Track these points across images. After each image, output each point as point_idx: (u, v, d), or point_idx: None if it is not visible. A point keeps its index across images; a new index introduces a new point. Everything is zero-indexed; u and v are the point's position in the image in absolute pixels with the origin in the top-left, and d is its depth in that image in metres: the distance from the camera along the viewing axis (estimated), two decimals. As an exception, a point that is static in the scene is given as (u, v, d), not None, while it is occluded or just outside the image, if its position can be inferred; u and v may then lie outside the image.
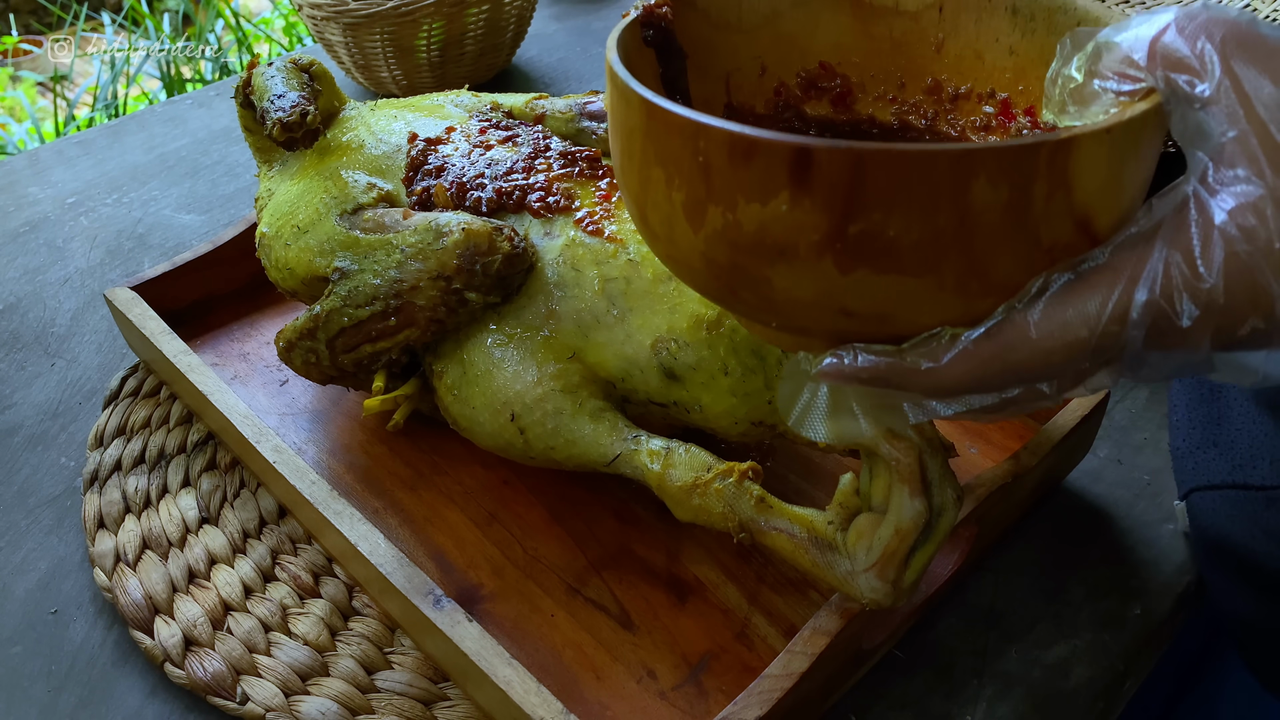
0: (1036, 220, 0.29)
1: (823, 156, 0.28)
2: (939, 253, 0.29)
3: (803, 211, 0.28)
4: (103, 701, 0.46)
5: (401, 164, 0.53)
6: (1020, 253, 0.29)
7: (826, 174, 0.28)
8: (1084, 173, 0.29)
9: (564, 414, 0.45)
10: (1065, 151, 0.28)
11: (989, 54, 0.39)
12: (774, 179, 0.28)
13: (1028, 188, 0.28)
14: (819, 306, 0.31)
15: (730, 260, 0.31)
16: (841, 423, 0.34)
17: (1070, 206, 0.29)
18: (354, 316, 0.49)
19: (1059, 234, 0.29)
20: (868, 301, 0.30)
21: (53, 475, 0.57)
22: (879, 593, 0.38)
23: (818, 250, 0.29)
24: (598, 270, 0.46)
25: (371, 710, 0.44)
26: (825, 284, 0.30)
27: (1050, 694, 0.45)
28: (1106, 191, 0.29)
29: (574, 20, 1.10)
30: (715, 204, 0.30)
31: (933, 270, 0.29)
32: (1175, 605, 0.49)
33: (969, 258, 0.29)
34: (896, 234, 0.28)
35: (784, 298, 0.31)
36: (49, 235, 0.77)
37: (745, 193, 0.29)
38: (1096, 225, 0.30)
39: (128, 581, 0.49)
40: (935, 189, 0.28)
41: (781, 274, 0.30)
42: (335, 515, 0.46)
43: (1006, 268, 0.29)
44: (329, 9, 0.84)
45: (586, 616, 0.47)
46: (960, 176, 0.28)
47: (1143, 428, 0.57)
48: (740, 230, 0.30)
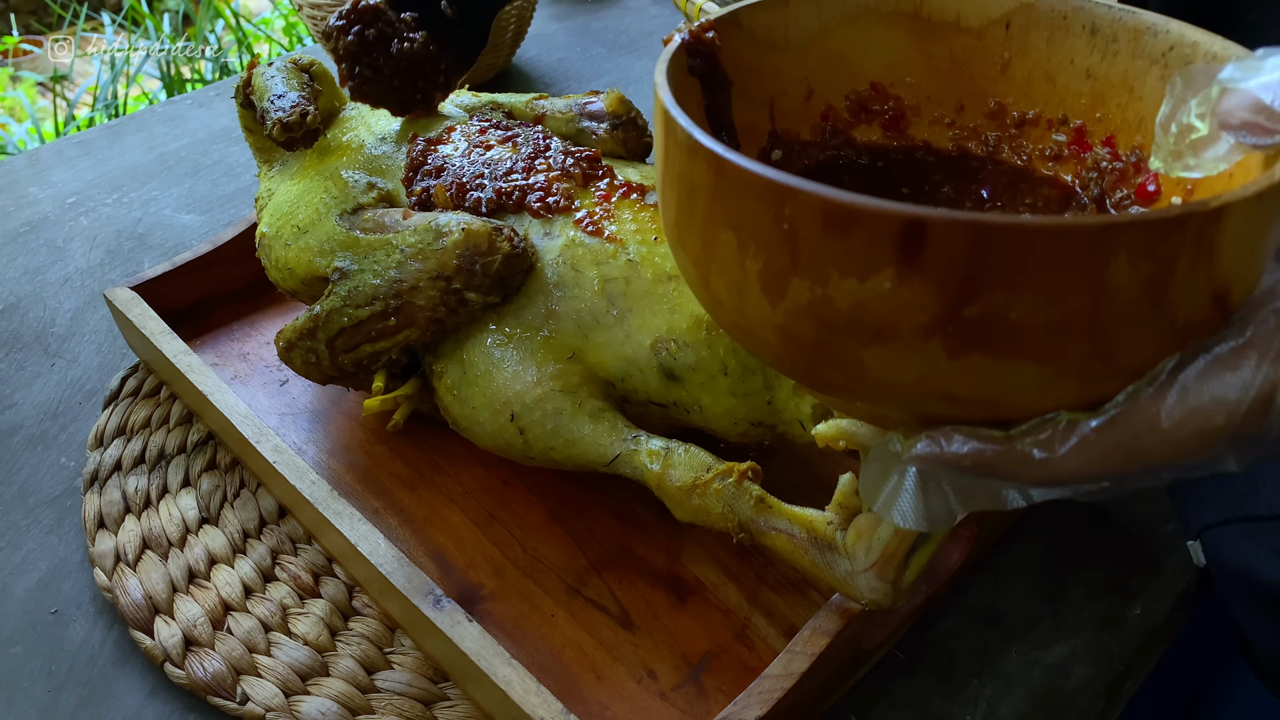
0: (1175, 298, 0.26)
1: (938, 230, 0.24)
2: (1067, 337, 0.25)
3: (910, 291, 0.25)
4: (103, 701, 0.46)
5: (401, 164, 0.53)
6: (1154, 333, 0.26)
7: (942, 250, 0.24)
8: (1230, 243, 0.25)
9: (564, 414, 0.45)
10: (1216, 222, 0.24)
11: (1061, 77, 0.36)
12: (877, 254, 0.25)
13: (1172, 263, 0.25)
14: (918, 390, 0.28)
15: (815, 338, 0.28)
16: (933, 507, 0.30)
17: (1211, 280, 0.26)
18: (354, 316, 0.49)
19: (1195, 310, 0.26)
20: (977, 388, 0.27)
21: (53, 475, 0.57)
22: (878, 593, 0.38)
23: (925, 333, 0.26)
24: (597, 270, 0.46)
25: (371, 710, 0.44)
26: (929, 368, 0.27)
27: (1050, 694, 0.45)
28: (1248, 261, 0.26)
29: (574, 20, 1.10)
30: (801, 277, 0.26)
31: (1057, 355, 0.26)
32: (1175, 605, 0.49)
33: (1098, 341, 0.26)
34: (1020, 317, 0.25)
35: (877, 379, 0.28)
36: (49, 235, 0.77)
37: (840, 267, 0.26)
38: (1232, 298, 0.27)
39: (128, 581, 0.49)
40: (1069, 268, 0.24)
41: (877, 356, 0.27)
42: (335, 515, 0.46)
43: (1137, 350, 0.26)
44: (329, 9, 0.84)
45: (586, 616, 0.47)
46: (1099, 254, 0.24)
47: (1143, 428, 0.57)
48: (831, 307, 0.26)
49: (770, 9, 0.36)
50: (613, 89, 0.57)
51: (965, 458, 0.28)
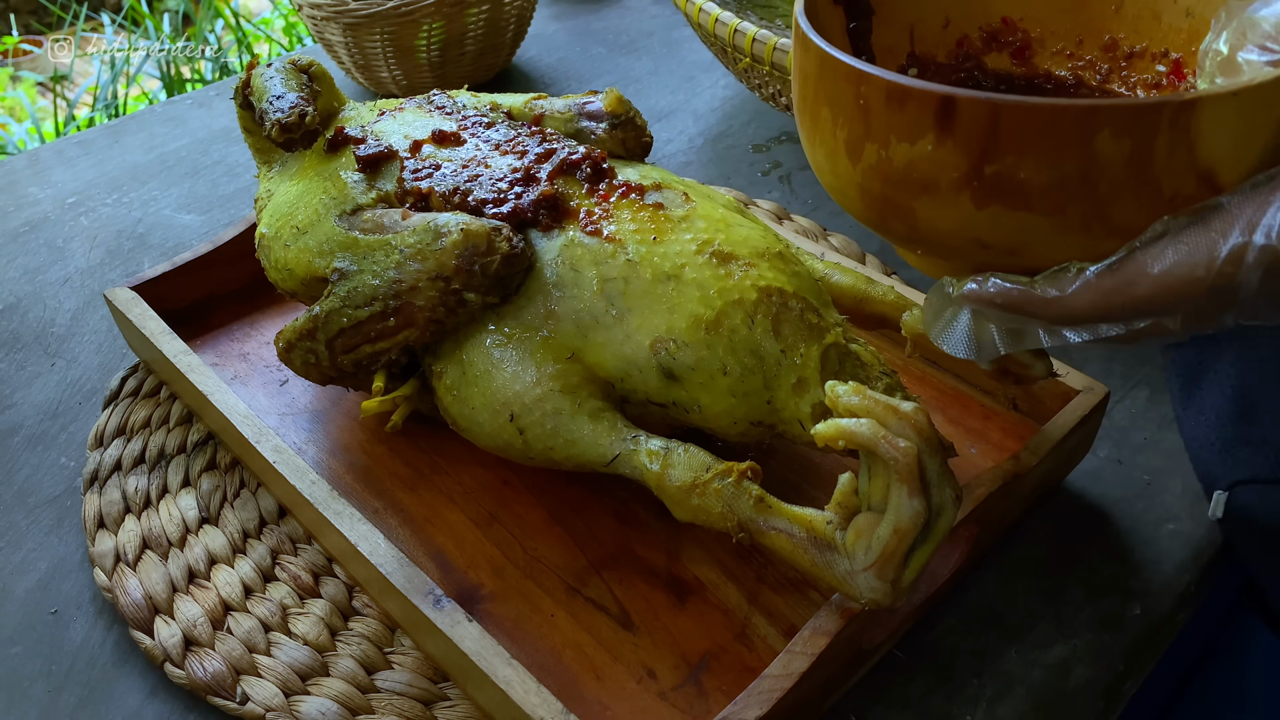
0: (1158, 172, 0.32)
1: (964, 105, 0.32)
2: (1065, 196, 0.32)
3: (945, 152, 0.33)
4: (103, 701, 0.46)
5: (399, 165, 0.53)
6: (1142, 200, 0.33)
7: (967, 120, 0.32)
8: (1208, 131, 0.31)
9: (563, 414, 0.45)
10: (1188, 111, 0.31)
11: (1166, 14, 0.42)
12: (922, 122, 0.33)
13: (1150, 143, 0.31)
14: (957, 237, 0.35)
15: (882, 192, 0.36)
16: (982, 342, 0.37)
17: (1193, 161, 0.32)
18: (353, 317, 0.49)
19: (1181, 185, 0.32)
20: (1000, 235, 0.34)
21: (53, 475, 0.57)
22: (878, 592, 0.38)
23: (957, 186, 0.33)
24: (596, 270, 0.46)
25: (371, 710, 0.44)
26: (962, 217, 0.34)
27: (1050, 694, 0.45)
28: (1234, 149, 0.32)
29: (574, 20, 1.10)
30: (872, 141, 0.35)
31: (1059, 211, 0.33)
32: (1175, 605, 0.49)
33: (1093, 202, 0.32)
34: (1027, 176, 0.32)
35: (927, 227, 0.36)
36: (49, 235, 0.77)
37: (897, 133, 0.34)
38: (1221, 179, 0.32)
39: (128, 581, 0.50)
40: (1062, 139, 0.31)
41: (925, 206, 0.35)
42: (335, 515, 0.46)
43: (1128, 212, 0.33)
44: (329, 9, 0.84)
45: (586, 616, 0.47)
46: (1085, 130, 0.31)
47: (1143, 428, 0.57)
48: (891, 166, 0.35)
49: None
50: (612, 89, 0.57)
51: (999, 296, 0.35)
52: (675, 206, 0.48)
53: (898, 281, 0.62)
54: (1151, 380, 0.60)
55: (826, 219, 0.76)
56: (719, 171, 0.83)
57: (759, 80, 0.75)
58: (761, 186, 0.81)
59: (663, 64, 1.00)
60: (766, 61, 0.70)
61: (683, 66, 1.00)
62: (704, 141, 0.87)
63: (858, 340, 0.46)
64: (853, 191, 0.37)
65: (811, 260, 0.54)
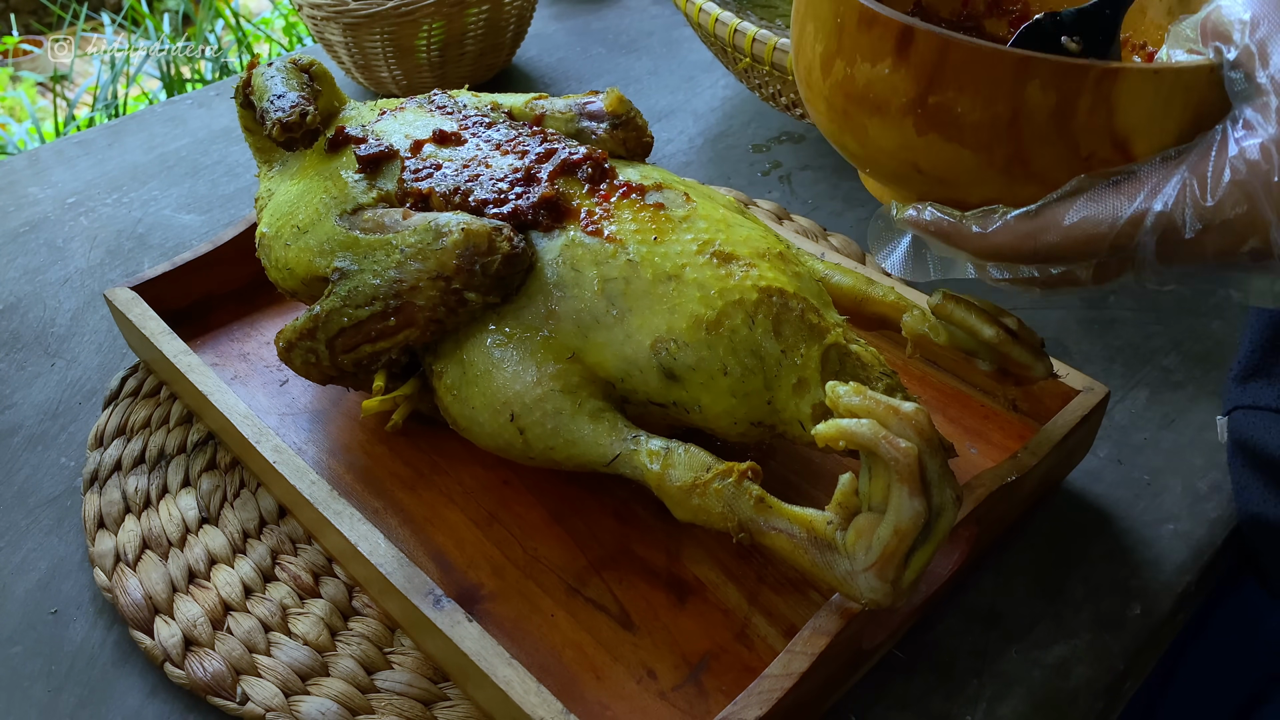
0: (1078, 130, 0.35)
1: (920, 36, 0.36)
2: (994, 135, 0.36)
3: (899, 77, 0.37)
4: (103, 701, 0.46)
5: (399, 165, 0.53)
6: (1061, 153, 0.36)
7: (921, 50, 0.36)
8: (1127, 101, 0.35)
9: (563, 414, 0.45)
10: (1111, 79, 0.34)
11: (1151, 10, 0.46)
12: (883, 46, 0.37)
13: (1073, 100, 0.35)
14: (898, 159, 0.39)
15: (843, 107, 0.40)
16: (917, 265, 0.42)
17: (1110, 127, 0.35)
18: (354, 317, 0.49)
19: (1097, 148, 0.36)
20: (933, 163, 0.38)
21: (53, 475, 0.57)
22: (878, 592, 0.38)
23: (903, 111, 0.37)
24: (597, 270, 0.46)
25: (371, 710, 0.44)
26: (904, 140, 0.38)
27: (1050, 694, 0.45)
28: (1148, 122, 0.35)
29: (574, 20, 1.10)
30: (841, 58, 0.39)
31: (986, 149, 0.36)
32: (1175, 605, 0.49)
33: (1017, 146, 0.36)
34: (963, 111, 0.36)
35: (874, 147, 0.39)
36: (49, 235, 0.77)
37: (861, 53, 0.38)
38: (1134, 149, 0.36)
39: (128, 581, 0.49)
40: (998, 81, 0.35)
41: (875, 125, 0.38)
42: (335, 515, 0.46)
43: (1047, 162, 0.36)
44: (329, 9, 0.84)
45: (586, 616, 0.47)
46: (1019, 76, 0.35)
47: (1143, 428, 0.57)
48: (853, 83, 0.38)
49: None
50: (612, 89, 0.57)
51: (932, 224, 0.39)
52: (676, 206, 0.49)
53: (898, 282, 0.62)
54: (1151, 380, 0.60)
55: (826, 219, 0.76)
56: (719, 171, 0.83)
57: (759, 80, 0.75)
58: (761, 186, 0.81)
59: (663, 64, 1.00)
60: (766, 61, 0.71)
61: (683, 66, 1.00)
62: (704, 141, 0.87)
63: (858, 340, 0.46)
64: (821, 104, 0.41)
65: (812, 260, 0.54)
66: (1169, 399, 0.59)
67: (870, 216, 0.76)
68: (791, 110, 0.75)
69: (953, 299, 0.47)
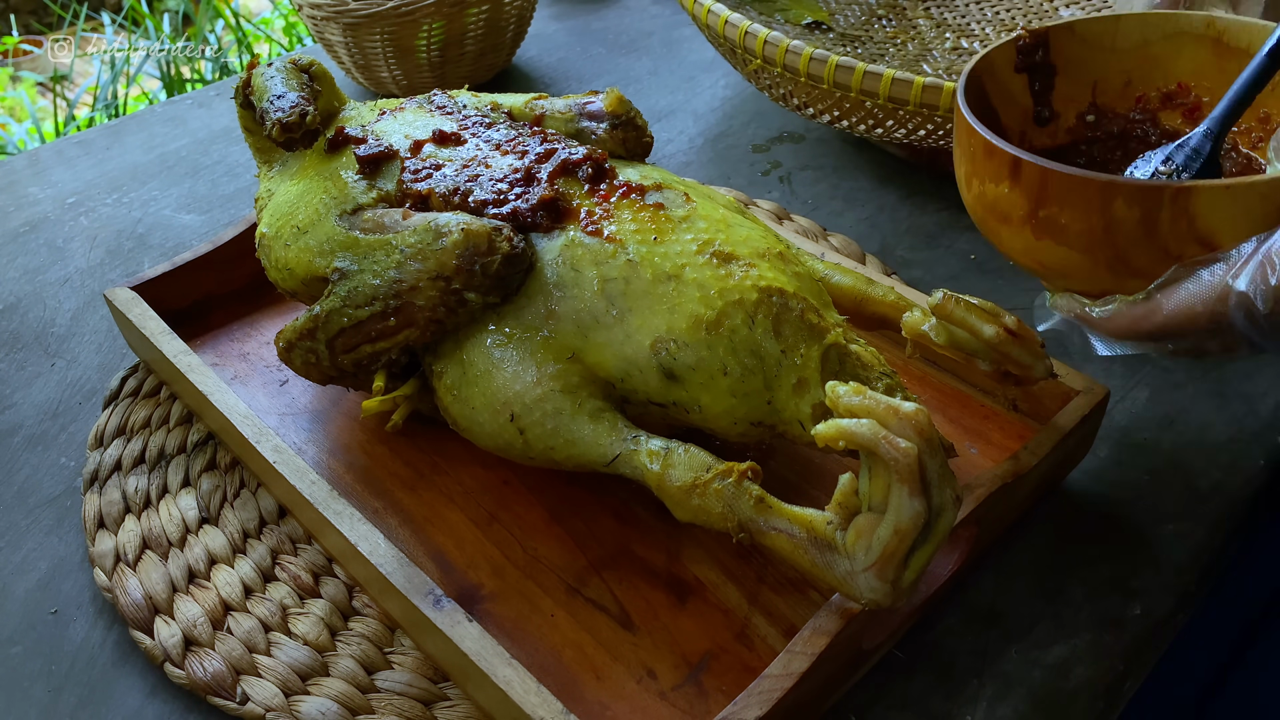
0: (1164, 236, 0.41)
1: (1026, 166, 0.43)
2: (1094, 241, 0.42)
3: (1015, 196, 0.44)
4: (103, 701, 0.46)
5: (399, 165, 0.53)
6: (1154, 253, 0.42)
7: (1027, 177, 0.43)
8: (1205, 211, 0.40)
9: (563, 414, 0.45)
10: (1185, 195, 0.40)
11: None
12: (1001, 172, 0.44)
13: (1155, 213, 0.40)
14: (1028, 258, 0.46)
15: (982, 216, 0.47)
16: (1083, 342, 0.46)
17: (1194, 231, 0.40)
18: (353, 317, 0.49)
19: (1185, 248, 0.41)
20: (1053, 263, 0.44)
21: (53, 475, 0.57)
22: (878, 593, 0.38)
23: (1022, 222, 0.44)
24: (597, 270, 0.46)
25: (371, 710, 0.44)
26: (1026, 244, 0.45)
27: (1050, 694, 0.45)
28: (1230, 225, 0.39)
29: (574, 20, 1.10)
30: (976, 178, 0.47)
31: (1090, 252, 0.43)
32: (1175, 605, 0.49)
33: (1115, 250, 0.42)
34: (1066, 223, 0.42)
35: (1008, 248, 0.47)
36: (49, 235, 0.77)
37: (988, 176, 0.45)
38: (1218, 243, 0.40)
39: (128, 581, 0.50)
40: (1090, 200, 0.41)
41: (1005, 231, 0.46)
42: (335, 515, 0.46)
43: (1144, 261, 0.42)
44: (329, 9, 0.84)
45: (586, 616, 0.47)
46: (1106, 196, 0.41)
47: (1143, 428, 0.57)
48: (985, 199, 0.46)
49: (1102, 23, 0.54)
50: (612, 89, 0.57)
51: (1069, 308, 0.45)
52: (676, 206, 0.49)
53: (898, 282, 0.62)
54: (1151, 380, 0.60)
55: (826, 219, 0.76)
56: (719, 171, 0.83)
57: (770, 81, 0.75)
58: (761, 186, 0.81)
59: (663, 64, 1.00)
60: (779, 63, 0.70)
61: (683, 66, 1.00)
62: (704, 141, 0.87)
63: (858, 340, 0.46)
64: (971, 211, 0.49)
65: (812, 260, 0.54)
66: (1169, 399, 0.59)
67: (869, 216, 0.76)
68: (803, 110, 0.75)
69: (953, 299, 0.47)
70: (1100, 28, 0.54)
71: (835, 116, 0.73)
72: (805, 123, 0.89)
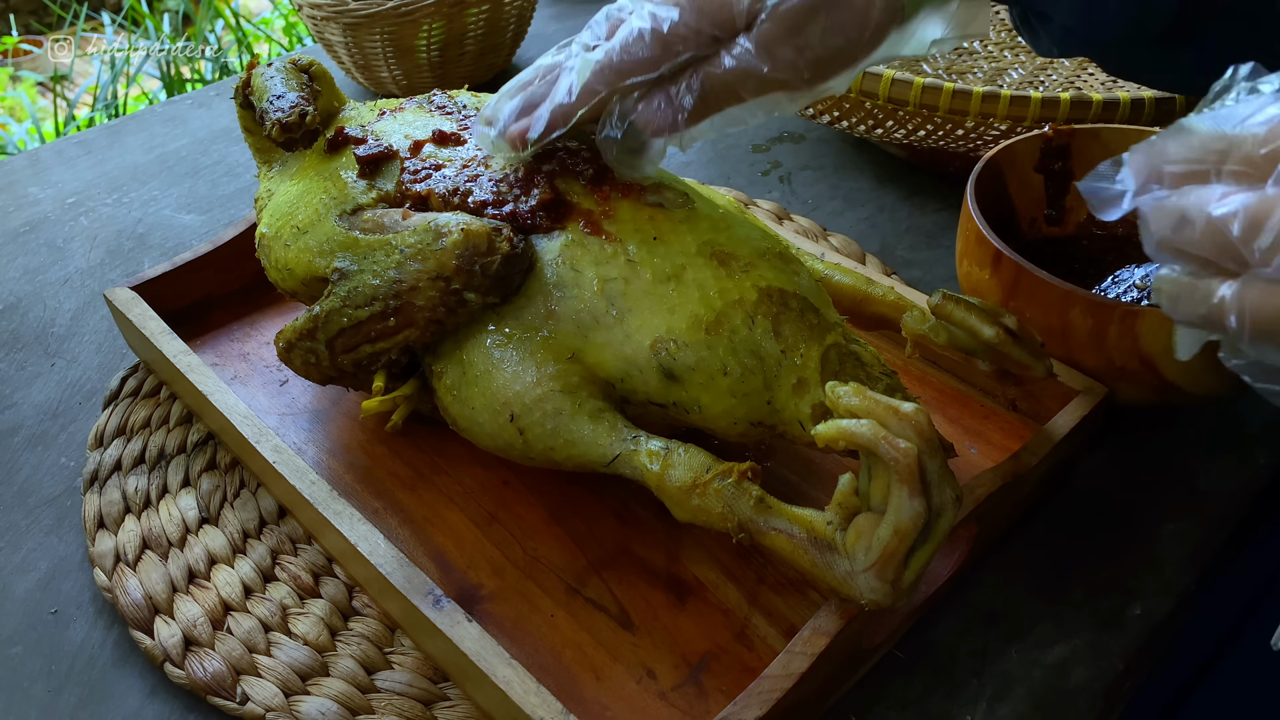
0: (1111, 349, 0.48)
1: (1004, 260, 0.51)
2: (1051, 339, 0.50)
3: (996, 281, 0.52)
4: (103, 701, 0.46)
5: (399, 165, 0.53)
6: (1100, 361, 0.49)
7: (1005, 269, 0.51)
8: (1148, 333, 0.46)
9: (563, 414, 0.45)
10: (1133, 317, 0.46)
11: None
12: (985, 260, 0.52)
13: (1105, 327, 0.48)
14: None
15: (966, 292, 0.55)
16: None
17: (1137, 350, 0.47)
18: (353, 317, 0.49)
19: (1127, 362, 0.48)
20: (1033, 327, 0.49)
21: (53, 475, 0.57)
22: (878, 593, 0.38)
23: (1002, 301, 0.52)
24: (596, 270, 0.46)
25: (371, 710, 0.44)
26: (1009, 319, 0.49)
27: (1050, 694, 0.45)
28: (1169, 353, 0.43)
29: (574, 20, 1.10)
30: (967, 259, 0.55)
31: (1055, 340, 0.50)
32: (1175, 605, 0.49)
33: (1068, 351, 0.50)
34: (1031, 317, 0.50)
35: None
36: (49, 235, 0.77)
37: (975, 261, 0.53)
38: (1160, 367, 0.47)
39: (128, 581, 0.50)
40: (1051, 303, 0.49)
41: None
42: (335, 515, 0.46)
43: (1091, 364, 0.50)
44: (329, 9, 0.84)
45: (586, 616, 0.47)
46: (1065, 303, 0.48)
47: (1143, 428, 0.57)
48: (970, 279, 0.55)
49: (1125, 135, 0.59)
50: (612, 89, 0.57)
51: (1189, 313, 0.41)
52: (675, 206, 0.49)
53: (898, 282, 0.62)
54: (1151, 380, 0.60)
55: (826, 219, 0.76)
56: (719, 171, 0.83)
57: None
58: (761, 186, 0.81)
59: (663, 64, 1.00)
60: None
61: (683, 66, 1.00)
62: (704, 141, 0.87)
63: (858, 341, 0.46)
64: (959, 282, 0.56)
65: (812, 261, 0.54)
66: (1169, 399, 0.59)
67: (869, 216, 0.76)
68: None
69: (952, 299, 0.47)
70: (1124, 139, 0.59)
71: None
72: (805, 123, 0.89)
